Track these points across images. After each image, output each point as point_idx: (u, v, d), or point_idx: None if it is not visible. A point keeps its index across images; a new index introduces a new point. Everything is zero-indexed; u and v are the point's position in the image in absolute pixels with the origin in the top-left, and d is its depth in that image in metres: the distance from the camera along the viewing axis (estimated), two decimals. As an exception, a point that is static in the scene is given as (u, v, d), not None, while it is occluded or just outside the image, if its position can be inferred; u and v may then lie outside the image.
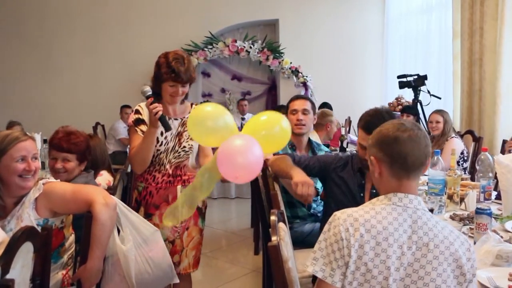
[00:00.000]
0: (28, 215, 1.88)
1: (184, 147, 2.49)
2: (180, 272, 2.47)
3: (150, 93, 2.32)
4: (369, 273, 1.35)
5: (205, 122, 2.13)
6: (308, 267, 1.41)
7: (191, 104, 2.62)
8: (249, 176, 2.07)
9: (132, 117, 2.47)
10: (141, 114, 2.46)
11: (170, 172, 2.48)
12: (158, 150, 2.43)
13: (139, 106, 2.51)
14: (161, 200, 2.46)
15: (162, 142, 2.43)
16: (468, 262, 1.37)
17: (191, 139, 2.50)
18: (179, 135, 2.49)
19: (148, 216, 2.43)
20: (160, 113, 2.26)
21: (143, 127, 2.42)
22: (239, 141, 2.03)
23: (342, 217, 1.40)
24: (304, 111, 3.07)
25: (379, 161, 1.46)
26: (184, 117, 2.51)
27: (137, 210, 2.41)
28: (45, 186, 1.94)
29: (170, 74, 2.34)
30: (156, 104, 2.27)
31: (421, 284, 1.34)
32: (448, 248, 1.36)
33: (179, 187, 2.49)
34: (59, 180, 2.13)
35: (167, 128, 2.33)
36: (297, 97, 3.21)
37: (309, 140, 3.17)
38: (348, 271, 1.35)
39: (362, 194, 2.34)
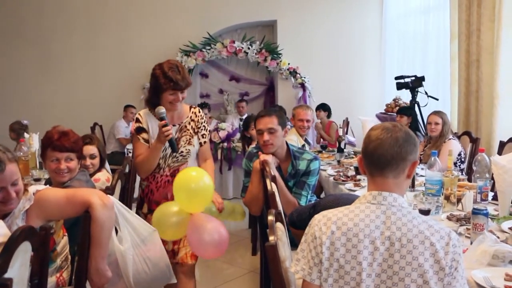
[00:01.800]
0: (17, 226, 1.83)
1: (182, 152, 2.61)
2: (178, 261, 2.53)
3: (164, 115, 2.44)
4: (342, 269, 1.40)
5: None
6: (291, 268, 1.49)
7: (190, 107, 2.73)
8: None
9: (134, 125, 2.61)
10: (141, 123, 2.59)
11: (169, 173, 2.62)
12: None
13: (139, 114, 2.63)
14: (161, 197, 2.59)
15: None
16: (447, 256, 1.36)
17: (188, 143, 2.63)
18: (177, 140, 2.60)
19: (150, 211, 2.57)
20: (171, 136, 2.43)
21: (144, 135, 2.57)
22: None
23: (318, 217, 1.49)
24: (270, 130, 2.83)
25: (361, 159, 1.55)
26: (182, 122, 2.64)
27: (141, 206, 2.67)
28: (36, 196, 1.89)
29: (168, 83, 2.46)
30: (168, 128, 2.42)
31: (396, 279, 1.37)
32: (422, 243, 1.37)
33: None
34: (48, 186, 2.09)
35: (174, 150, 2.51)
36: (263, 115, 2.91)
37: (288, 148, 2.97)
38: (322, 268, 1.42)
39: None
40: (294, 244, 2.58)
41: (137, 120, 2.61)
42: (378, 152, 1.45)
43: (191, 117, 2.68)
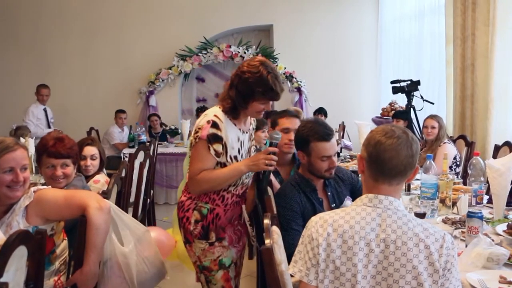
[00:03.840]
0: (17, 223, 1.86)
1: None
2: None
3: (279, 141, 2.16)
4: (337, 270, 1.41)
5: None
6: (289, 269, 1.50)
7: None
8: None
9: (208, 129, 2.07)
10: (220, 130, 2.09)
11: (240, 192, 2.27)
12: None
13: (217, 117, 2.10)
14: (227, 222, 2.23)
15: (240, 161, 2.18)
16: (441, 258, 1.37)
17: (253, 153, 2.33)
18: (249, 151, 2.28)
19: (219, 240, 2.20)
20: (272, 168, 2.08)
21: (218, 147, 2.09)
22: None
23: (314, 219, 1.50)
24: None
25: (362, 158, 1.53)
26: (249, 130, 2.29)
27: (207, 236, 2.18)
28: (36, 194, 1.92)
29: (268, 93, 2.07)
30: (276, 158, 2.07)
31: (391, 281, 1.38)
32: (417, 245, 1.38)
33: (243, 206, 2.33)
34: (50, 186, 2.11)
35: (261, 186, 2.15)
36: (291, 114, 2.89)
37: (293, 154, 2.91)
38: (319, 269, 1.43)
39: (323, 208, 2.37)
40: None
41: (215, 125, 2.07)
42: (393, 163, 1.44)
43: (251, 123, 2.32)
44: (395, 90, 5.42)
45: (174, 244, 3.01)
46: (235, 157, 2.16)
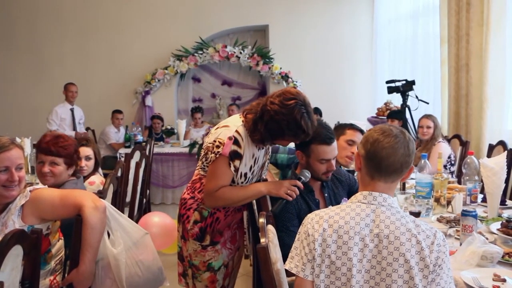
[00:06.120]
0: (12, 222, 1.86)
1: (261, 178, 2.35)
2: None
3: (306, 180, 2.23)
4: (333, 265, 1.44)
5: None
6: (286, 265, 1.53)
7: None
8: None
9: (230, 146, 2.07)
10: (240, 147, 2.09)
11: None
12: (239, 183, 2.18)
13: (239, 134, 2.09)
14: (225, 226, 2.28)
15: (248, 178, 2.20)
16: (431, 254, 1.40)
17: (266, 168, 2.39)
18: (262, 166, 2.31)
19: (213, 244, 2.24)
20: (290, 199, 2.13)
21: (237, 163, 2.09)
22: None
23: (310, 216, 1.53)
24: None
25: (360, 156, 1.56)
26: (265, 145, 2.26)
27: (202, 239, 2.22)
28: (32, 193, 1.92)
29: (300, 135, 2.09)
30: (297, 192, 2.14)
31: (384, 275, 1.41)
32: (409, 240, 1.41)
33: (245, 212, 2.41)
34: (46, 185, 2.11)
35: (275, 211, 2.15)
36: (357, 128, 2.92)
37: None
38: (314, 264, 1.45)
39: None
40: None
41: (236, 142, 2.07)
42: (390, 160, 1.47)
43: None
44: (390, 90, 5.44)
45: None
46: (245, 174, 2.17)
